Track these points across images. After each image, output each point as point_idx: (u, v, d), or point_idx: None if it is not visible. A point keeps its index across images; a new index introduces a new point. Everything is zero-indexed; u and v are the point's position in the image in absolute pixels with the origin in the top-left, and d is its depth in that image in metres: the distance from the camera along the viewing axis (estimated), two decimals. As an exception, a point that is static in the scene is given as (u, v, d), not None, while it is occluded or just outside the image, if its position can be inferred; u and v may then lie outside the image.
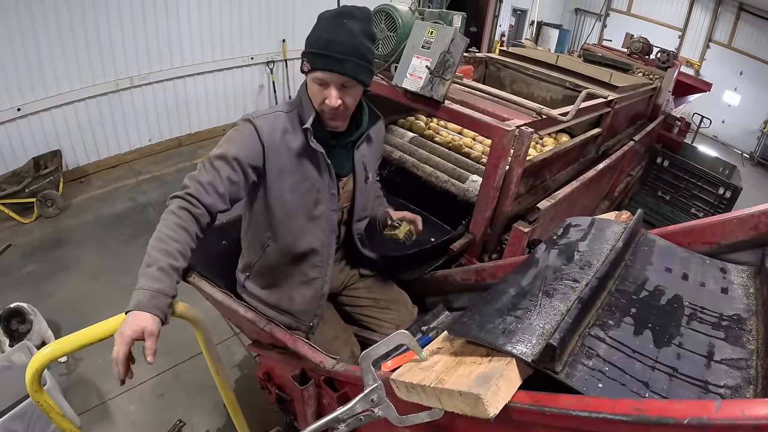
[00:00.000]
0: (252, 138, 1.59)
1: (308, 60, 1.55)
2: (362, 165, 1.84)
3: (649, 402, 0.68)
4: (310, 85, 1.61)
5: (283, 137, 1.63)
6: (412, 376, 0.98)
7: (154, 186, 5.51)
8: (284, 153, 1.64)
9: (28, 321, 3.05)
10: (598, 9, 13.13)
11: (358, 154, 1.81)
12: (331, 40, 1.50)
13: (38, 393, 1.37)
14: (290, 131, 1.65)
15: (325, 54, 1.50)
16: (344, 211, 1.90)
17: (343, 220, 1.93)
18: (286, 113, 1.67)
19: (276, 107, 1.70)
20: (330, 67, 1.52)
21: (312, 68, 1.54)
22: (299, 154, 1.66)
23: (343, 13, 1.54)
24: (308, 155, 1.67)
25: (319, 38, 1.52)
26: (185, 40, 5.93)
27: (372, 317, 2.09)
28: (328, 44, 1.50)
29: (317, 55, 1.52)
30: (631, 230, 1.28)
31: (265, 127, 1.60)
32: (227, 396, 1.96)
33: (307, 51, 1.55)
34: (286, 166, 1.65)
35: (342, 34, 1.51)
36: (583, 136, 3.15)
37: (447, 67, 2.18)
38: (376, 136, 1.93)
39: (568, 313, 0.93)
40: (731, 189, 5.43)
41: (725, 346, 0.94)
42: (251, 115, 1.64)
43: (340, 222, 1.91)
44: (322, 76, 1.54)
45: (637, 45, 5.66)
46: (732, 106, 11.24)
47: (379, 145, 2.02)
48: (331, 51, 1.50)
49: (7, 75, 4.59)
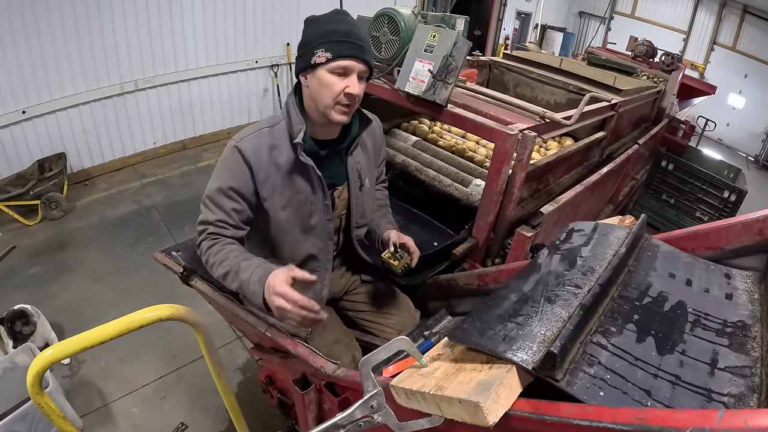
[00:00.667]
0: (238, 163, 1.58)
1: (328, 48, 1.48)
2: (356, 172, 1.81)
3: (651, 411, 0.67)
4: (324, 77, 1.51)
5: (271, 154, 1.61)
6: (412, 383, 0.98)
7: (158, 189, 5.53)
8: (273, 171, 1.62)
9: (32, 323, 3.06)
10: (602, 12, 13.11)
11: (351, 161, 1.78)
12: (348, 30, 1.50)
13: (39, 395, 1.37)
14: (277, 147, 1.62)
15: (350, 41, 1.49)
16: (342, 218, 1.89)
17: (341, 228, 1.92)
18: (270, 128, 1.64)
19: (259, 124, 1.66)
20: (356, 53, 1.50)
21: (335, 56, 1.48)
22: (289, 169, 1.63)
23: (340, 12, 1.56)
24: (298, 170, 1.65)
25: (334, 30, 1.49)
26: (190, 43, 5.96)
27: (374, 322, 2.08)
28: (347, 33, 1.49)
29: (340, 42, 1.48)
30: (635, 235, 1.27)
31: (249, 148, 1.58)
32: (228, 400, 1.96)
33: (323, 41, 1.49)
34: (277, 184, 1.63)
35: (352, 26, 1.52)
36: (587, 140, 3.14)
37: (450, 70, 2.18)
38: (371, 141, 1.90)
39: (570, 320, 0.92)
40: (736, 192, 5.41)
41: (729, 354, 0.93)
42: (235, 138, 1.61)
43: (339, 229, 1.91)
44: (347, 63, 1.50)
45: (641, 48, 5.64)
46: (737, 108, 11.20)
47: (377, 149, 1.97)
48: (352, 38, 1.50)
49: (12, 78, 4.62)
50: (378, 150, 1.98)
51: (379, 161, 2.04)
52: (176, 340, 3.36)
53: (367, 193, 1.90)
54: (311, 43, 1.51)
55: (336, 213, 1.83)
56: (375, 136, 1.92)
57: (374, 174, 1.98)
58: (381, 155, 2.03)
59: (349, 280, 2.11)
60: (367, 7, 2.02)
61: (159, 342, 3.37)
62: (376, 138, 1.94)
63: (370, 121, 1.81)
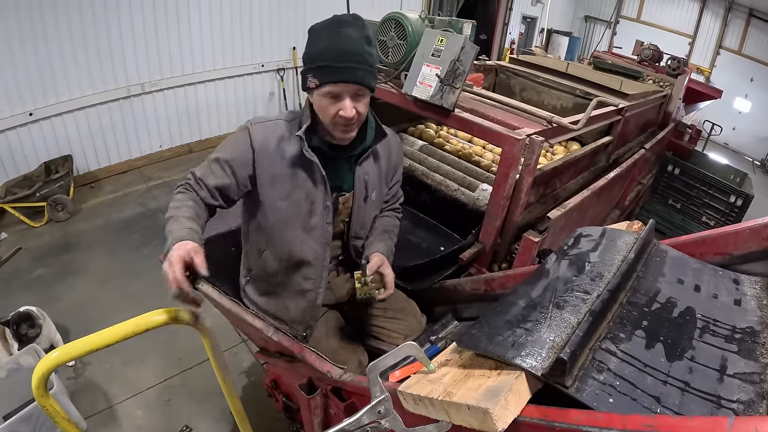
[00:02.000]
0: (244, 143, 1.62)
1: (315, 75, 1.49)
2: (363, 182, 1.79)
3: (660, 418, 0.67)
4: (318, 101, 1.54)
5: (279, 145, 1.63)
6: (420, 389, 0.98)
7: (164, 192, 5.54)
8: (278, 161, 1.63)
9: (38, 325, 3.07)
10: (608, 16, 13.11)
11: (360, 170, 1.76)
12: (336, 50, 1.46)
13: (44, 397, 1.37)
14: (286, 139, 1.65)
15: (335, 65, 1.46)
16: (344, 224, 1.89)
17: (344, 234, 1.92)
18: (288, 121, 1.68)
19: (280, 115, 1.70)
20: (342, 78, 1.47)
21: (321, 83, 1.48)
22: (293, 162, 1.64)
23: (337, 22, 1.49)
24: (303, 164, 1.65)
25: (322, 51, 1.47)
26: (196, 47, 5.99)
27: (380, 327, 2.07)
28: (334, 55, 1.46)
29: (325, 68, 1.46)
30: (643, 241, 1.27)
31: (260, 134, 1.62)
32: (234, 403, 1.96)
33: (311, 66, 1.49)
34: (279, 174, 1.65)
35: (344, 42, 1.47)
36: (594, 145, 3.13)
37: (457, 75, 2.18)
38: (385, 156, 1.86)
39: (579, 326, 0.92)
40: (742, 197, 5.38)
41: (738, 360, 0.92)
42: (252, 120, 1.67)
43: (341, 234, 1.91)
44: (335, 89, 1.49)
45: (647, 52, 5.64)
46: (743, 113, 11.16)
47: (392, 166, 1.92)
48: (338, 61, 1.46)
49: (19, 79, 4.65)
50: (393, 168, 1.93)
51: (392, 180, 1.98)
52: (181, 343, 3.36)
53: (372, 205, 1.88)
54: (305, 65, 1.52)
55: (339, 218, 1.83)
56: (391, 153, 1.89)
57: (384, 191, 1.94)
58: (395, 174, 1.98)
59: (353, 285, 2.10)
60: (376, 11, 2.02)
61: (164, 345, 3.37)
62: (392, 155, 1.90)
63: (385, 134, 1.77)
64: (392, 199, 2.06)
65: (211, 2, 5.89)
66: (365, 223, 1.91)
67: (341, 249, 1.97)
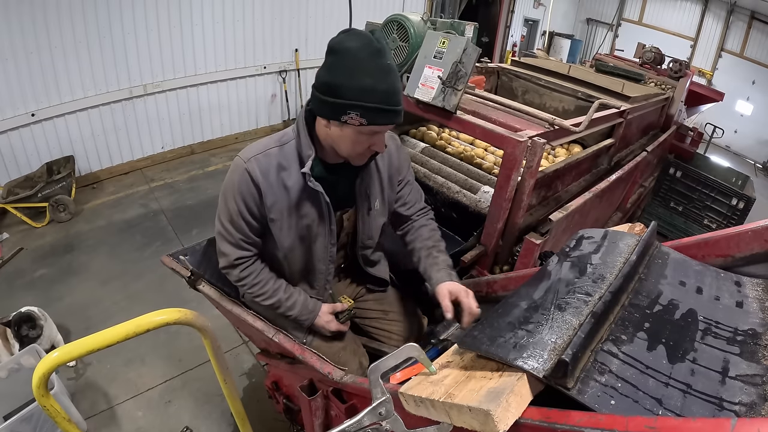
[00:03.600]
0: (247, 185, 1.54)
1: (362, 115, 1.37)
2: (365, 195, 1.75)
3: (663, 420, 0.67)
4: (351, 136, 1.44)
5: (279, 175, 1.56)
6: (421, 390, 0.97)
7: (166, 193, 5.54)
8: (281, 193, 1.58)
9: (39, 326, 3.07)
10: (610, 19, 13.11)
11: (360, 184, 1.72)
12: (386, 92, 1.37)
13: (45, 397, 1.37)
14: (286, 168, 1.57)
15: (388, 109, 1.39)
16: (349, 235, 1.88)
17: (348, 244, 1.92)
18: (280, 147, 1.58)
19: (266, 143, 1.59)
20: (392, 121, 1.43)
21: (370, 123, 1.39)
22: (297, 193, 1.59)
23: (376, 52, 1.36)
24: (307, 195, 1.60)
25: (370, 89, 1.35)
26: (199, 48, 6.00)
27: (381, 329, 2.08)
28: (385, 97, 1.37)
29: (377, 111, 1.38)
30: (645, 243, 1.27)
31: (257, 170, 1.53)
32: (234, 405, 1.96)
33: (360, 104, 1.36)
34: (284, 206, 1.60)
35: (391, 81, 1.39)
36: (596, 147, 3.13)
37: (459, 77, 2.18)
38: (386, 163, 1.78)
39: (581, 328, 0.92)
40: (744, 200, 5.37)
41: (740, 362, 0.92)
42: (242, 156, 1.56)
43: (345, 245, 1.91)
44: (380, 129, 1.44)
45: (649, 55, 5.63)
46: (745, 115, 11.13)
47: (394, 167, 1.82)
48: (391, 104, 1.39)
49: (22, 80, 4.66)
50: (396, 170, 1.83)
51: (399, 181, 1.88)
52: (182, 344, 3.36)
53: (377, 213, 1.83)
54: (342, 97, 1.36)
55: (343, 232, 1.83)
56: (391, 158, 1.80)
57: (389, 195, 1.85)
58: (402, 175, 1.88)
59: (355, 289, 2.10)
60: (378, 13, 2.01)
61: (165, 346, 3.37)
62: (393, 159, 1.80)
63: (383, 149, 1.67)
64: (410, 199, 1.94)
65: (213, 4, 5.90)
66: (372, 233, 1.87)
67: (344, 258, 1.97)
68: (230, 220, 1.61)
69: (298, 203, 1.61)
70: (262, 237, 1.70)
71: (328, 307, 1.85)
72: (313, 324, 1.82)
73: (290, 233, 1.66)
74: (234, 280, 1.75)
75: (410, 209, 1.94)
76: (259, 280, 1.72)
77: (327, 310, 1.84)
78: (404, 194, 1.91)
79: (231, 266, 1.70)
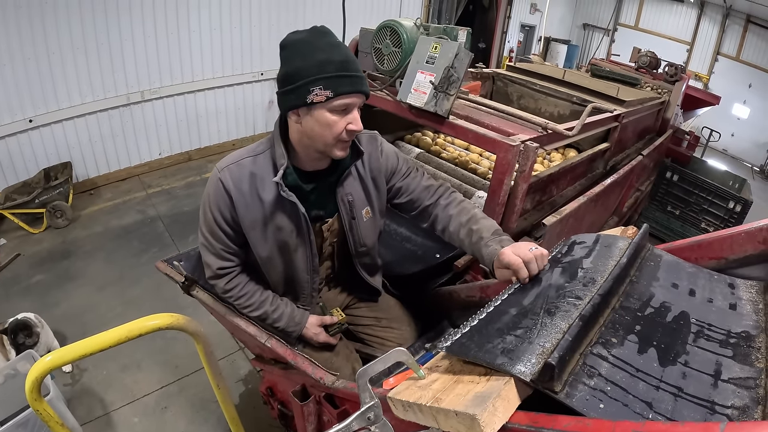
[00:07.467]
0: (221, 195, 1.53)
1: (327, 86, 1.35)
2: (347, 204, 1.68)
3: (651, 424, 0.66)
4: (323, 117, 1.40)
5: (252, 185, 1.54)
6: (409, 395, 0.97)
7: (163, 199, 5.54)
8: (254, 203, 1.55)
9: (35, 334, 3.06)
10: (606, 24, 13.15)
11: (341, 191, 1.66)
12: (341, 60, 1.36)
13: (38, 401, 1.37)
14: (260, 178, 1.54)
15: (348, 75, 1.37)
16: (334, 245, 1.84)
17: (335, 253, 1.88)
18: (254, 157, 1.56)
19: (240, 153, 1.58)
20: (356, 88, 1.40)
21: (336, 94, 1.36)
22: (272, 203, 1.55)
23: (319, 32, 1.41)
24: (282, 205, 1.57)
25: (325, 61, 1.35)
26: (196, 55, 6.01)
27: (374, 336, 2.06)
28: (344, 64, 1.37)
29: (338, 78, 1.35)
30: (636, 245, 1.26)
31: (230, 179, 1.52)
32: (228, 410, 1.95)
33: (321, 76, 1.34)
34: (258, 217, 1.57)
35: (344, 51, 1.39)
36: (591, 151, 3.13)
37: (451, 82, 2.18)
38: (367, 168, 1.70)
39: (569, 331, 0.91)
40: (741, 203, 5.38)
41: (733, 365, 0.91)
42: (217, 166, 1.55)
43: (332, 255, 1.89)
44: (350, 101, 1.40)
45: (644, 59, 5.64)
46: (741, 119, 11.18)
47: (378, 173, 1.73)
48: (349, 70, 1.37)
49: (19, 86, 4.66)
50: (384, 171, 1.75)
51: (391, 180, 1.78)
52: (179, 350, 3.35)
53: (369, 221, 1.77)
54: (303, 78, 1.36)
55: (326, 243, 1.80)
56: (371, 161, 1.71)
57: (382, 201, 1.79)
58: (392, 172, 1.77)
59: (346, 299, 2.09)
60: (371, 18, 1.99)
61: (161, 352, 3.36)
62: (373, 162, 1.72)
63: (361, 152, 1.64)
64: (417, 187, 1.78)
65: (210, 11, 5.91)
66: (366, 241, 1.81)
67: (332, 269, 1.95)
68: (210, 230, 1.61)
69: (273, 214, 1.58)
70: (244, 247, 1.68)
71: (316, 319, 1.85)
72: (301, 335, 1.84)
73: (266, 245, 1.64)
74: (220, 292, 1.75)
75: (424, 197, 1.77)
76: (245, 291, 1.73)
77: (315, 322, 1.85)
78: (408, 186, 1.78)
79: (215, 276, 1.70)
